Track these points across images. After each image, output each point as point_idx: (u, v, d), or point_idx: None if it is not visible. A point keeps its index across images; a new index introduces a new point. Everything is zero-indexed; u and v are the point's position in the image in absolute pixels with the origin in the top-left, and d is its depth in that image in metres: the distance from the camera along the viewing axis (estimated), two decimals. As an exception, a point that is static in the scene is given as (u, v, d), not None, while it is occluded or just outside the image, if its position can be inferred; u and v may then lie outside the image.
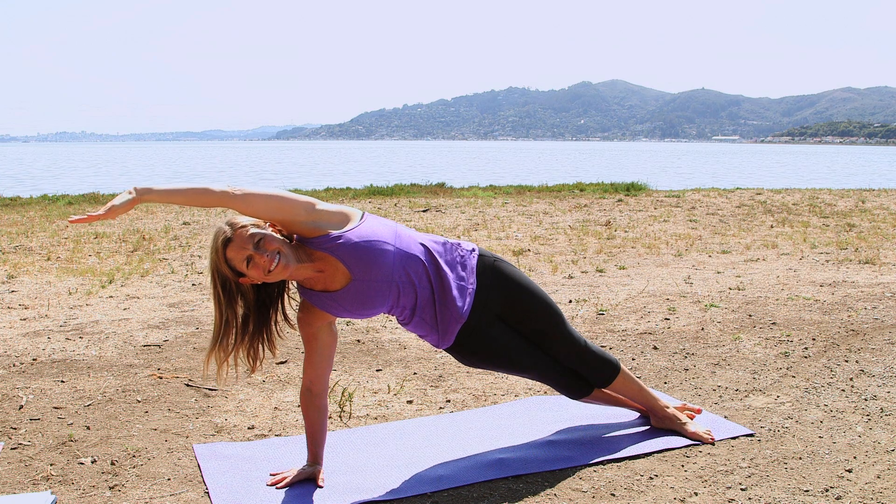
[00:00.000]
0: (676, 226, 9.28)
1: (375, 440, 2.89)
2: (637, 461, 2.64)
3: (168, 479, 2.56)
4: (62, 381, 3.56)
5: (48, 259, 7.02)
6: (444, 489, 2.45)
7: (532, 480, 2.52)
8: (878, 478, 2.46)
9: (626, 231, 8.81)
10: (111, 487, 2.49)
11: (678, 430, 2.82)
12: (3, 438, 2.90)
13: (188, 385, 3.53)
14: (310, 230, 2.43)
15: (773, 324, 4.42)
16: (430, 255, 2.55)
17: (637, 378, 2.99)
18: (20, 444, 2.85)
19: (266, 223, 2.43)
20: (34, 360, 3.89)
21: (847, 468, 2.53)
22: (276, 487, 2.49)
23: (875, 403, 3.12)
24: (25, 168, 46.47)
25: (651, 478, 2.50)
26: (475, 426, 3.00)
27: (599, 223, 9.51)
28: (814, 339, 4.08)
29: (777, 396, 3.25)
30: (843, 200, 12.16)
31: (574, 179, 18.61)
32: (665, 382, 3.49)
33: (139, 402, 3.30)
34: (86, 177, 33.76)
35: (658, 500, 2.35)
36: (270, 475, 2.58)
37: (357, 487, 2.48)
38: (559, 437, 2.85)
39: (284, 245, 2.39)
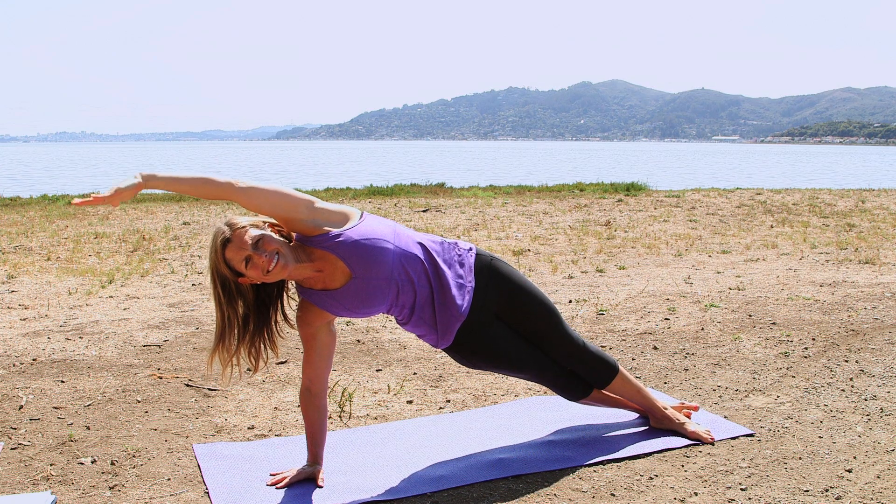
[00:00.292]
0: (676, 226, 9.28)
1: (375, 440, 2.89)
2: (637, 461, 2.64)
3: (168, 479, 2.56)
4: (62, 381, 3.56)
5: (48, 259, 7.02)
6: (444, 489, 2.45)
7: (532, 480, 2.52)
8: (878, 478, 2.46)
9: (626, 231, 8.81)
10: (111, 487, 2.49)
11: (677, 430, 2.82)
12: (3, 438, 2.90)
13: (188, 385, 3.53)
14: (310, 228, 2.43)
15: (773, 324, 4.42)
16: (429, 254, 2.55)
17: (636, 379, 2.99)
18: (20, 444, 2.85)
19: (265, 224, 2.43)
20: (34, 360, 3.89)
21: (847, 468, 2.53)
22: (276, 487, 2.49)
23: (875, 403, 3.12)
24: (25, 168, 46.47)
25: (651, 478, 2.50)
26: (475, 426, 3.00)
27: (599, 223, 9.51)
28: (814, 339, 4.08)
29: (777, 396, 3.25)
30: (843, 200, 12.16)
31: (574, 179, 18.62)
32: (665, 382, 3.49)
33: (139, 402, 3.30)
34: (86, 177, 33.77)
35: (658, 500, 2.35)
36: (270, 475, 2.58)
37: (357, 487, 2.48)
38: (559, 437, 2.85)
39: (283, 245, 2.39)
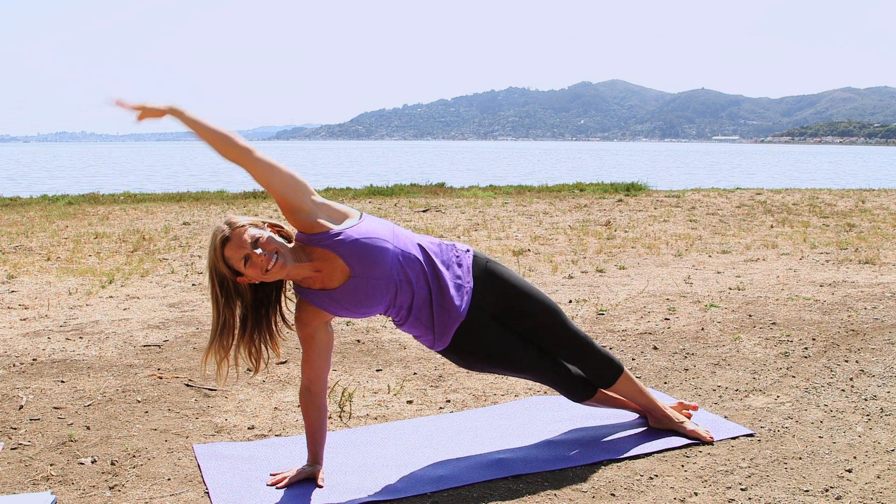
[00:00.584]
0: (676, 226, 9.28)
1: (375, 440, 2.89)
2: (637, 461, 2.64)
3: (168, 479, 2.56)
4: (62, 381, 3.56)
5: (48, 259, 7.02)
6: (444, 489, 2.45)
7: (532, 480, 2.52)
8: (878, 478, 2.46)
9: (626, 231, 8.81)
10: (111, 487, 2.49)
11: (677, 430, 2.82)
12: (3, 438, 2.90)
13: (188, 385, 3.53)
14: (309, 223, 2.42)
15: (773, 324, 4.42)
16: (427, 256, 2.56)
17: (637, 378, 3.00)
18: (20, 444, 2.85)
19: (264, 224, 2.43)
20: (34, 360, 3.89)
21: (847, 468, 2.53)
22: (276, 487, 2.49)
23: (875, 403, 3.12)
24: (25, 168, 46.47)
25: (651, 478, 2.50)
26: (475, 426, 3.00)
27: (599, 223, 9.51)
28: (814, 339, 4.08)
29: (777, 396, 3.25)
30: (843, 200, 12.16)
31: (574, 179, 18.62)
32: (665, 382, 3.49)
33: (139, 402, 3.30)
34: (86, 177, 33.77)
35: (658, 500, 2.35)
36: (270, 475, 2.58)
37: (357, 487, 2.48)
38: (559, 437, 2.85)
39: (282, 245, 2.39)
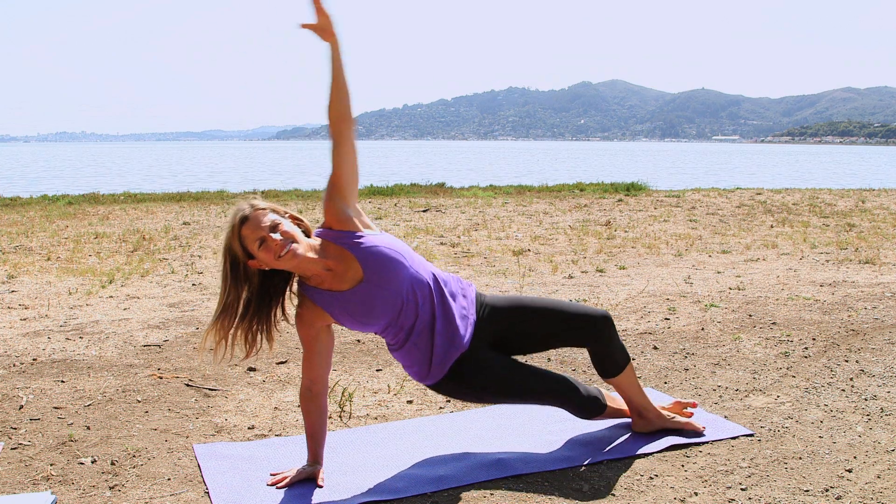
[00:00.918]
0: (676, 226, 9.28)
1: (375, 440, 2.89)
2: (637, 461, 2.64)
3: (168, 479, 2.56)
4: (62, 381, 3.57)
5: (48, 259, 7.02)
6: (444, 489, 2.45)
7: (532, 480, 2.52)
8: (878, 478, 2.46)
9: (626, 231, 8.81)
10: (111, 487, 2.49)
11: (668, 427, 2.81)
12: (3, 438, 2.90)
13: (188, 385, 3.53)
14: (345, 217, 2.49)
15: (773, 324, 4.42)
16: (437, 284, 2.57)
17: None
18: (20, 444, 2.85)
19: (286, 213, 2.49)
20: (34, 360, 3.89)
21: (847, 468, 2.53)
22: (276, 487, 2.49)
23: (875, 403, 3.12)
24: (25, 168, 46.46)
25: (651, 478, 2.50)
26: (475, 426, 3.00)
27: (599, 223, 9.51)
28: (814, 339, 4.09)
29: (777, 396, 3.25)
30: (843, 200, 12.17)
31: (574, 179, 18.62)
32: (665, 382, 3.49)
33: (139, 402, 3.30)
34: (86, 177, 33.77)
35: (658, 500, 2.35)
36: (270, 475, 2.58)
37: (357, 487, 2.48)
38: (559, 437, 2.85)
39: (298, 234, 2.43)
